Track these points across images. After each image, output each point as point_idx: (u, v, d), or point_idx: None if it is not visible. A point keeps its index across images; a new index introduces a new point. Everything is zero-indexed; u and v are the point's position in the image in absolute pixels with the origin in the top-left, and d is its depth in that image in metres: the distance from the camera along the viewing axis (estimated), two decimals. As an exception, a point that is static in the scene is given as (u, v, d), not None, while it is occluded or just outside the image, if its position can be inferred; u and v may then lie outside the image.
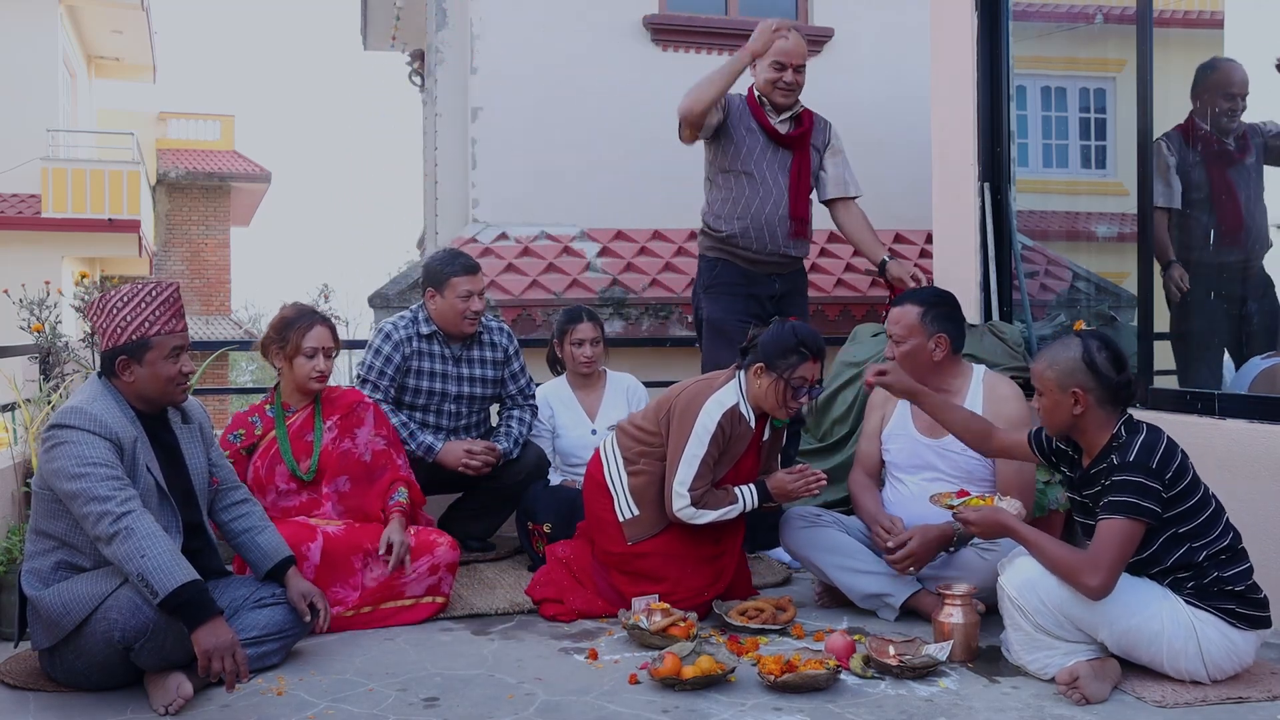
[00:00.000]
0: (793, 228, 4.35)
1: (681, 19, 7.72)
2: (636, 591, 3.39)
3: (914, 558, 3.38)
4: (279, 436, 3.62)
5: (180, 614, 2.61)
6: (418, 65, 10.45)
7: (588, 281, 6.96)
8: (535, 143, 7.40)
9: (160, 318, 2.88)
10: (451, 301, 4.12)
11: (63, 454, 2.69)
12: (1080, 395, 2.79)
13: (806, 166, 4.43)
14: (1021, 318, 4.82)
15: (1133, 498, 2.68)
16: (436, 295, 4.15)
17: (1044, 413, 2.89)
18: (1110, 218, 5.33)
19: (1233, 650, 2.74)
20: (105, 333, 2.88)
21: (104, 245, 15.28)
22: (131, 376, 2.87)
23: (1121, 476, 2.70)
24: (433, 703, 2.72)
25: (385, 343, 4.16)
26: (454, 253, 4.29)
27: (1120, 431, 2.79)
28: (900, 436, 3.66)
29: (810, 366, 3.41)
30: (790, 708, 2.68)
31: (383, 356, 4.15)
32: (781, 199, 4.34)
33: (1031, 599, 2.77)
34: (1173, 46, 4.43)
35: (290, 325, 3.62)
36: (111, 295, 2.90)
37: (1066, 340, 2.87)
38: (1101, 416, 2.81)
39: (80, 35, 16.95)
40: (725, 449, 3.42)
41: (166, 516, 2.84)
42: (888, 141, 7.77)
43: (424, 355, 4.18)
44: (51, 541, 2.78)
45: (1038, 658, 2.82)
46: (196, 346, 7.50)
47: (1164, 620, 2.72)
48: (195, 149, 21.37)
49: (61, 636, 2.71)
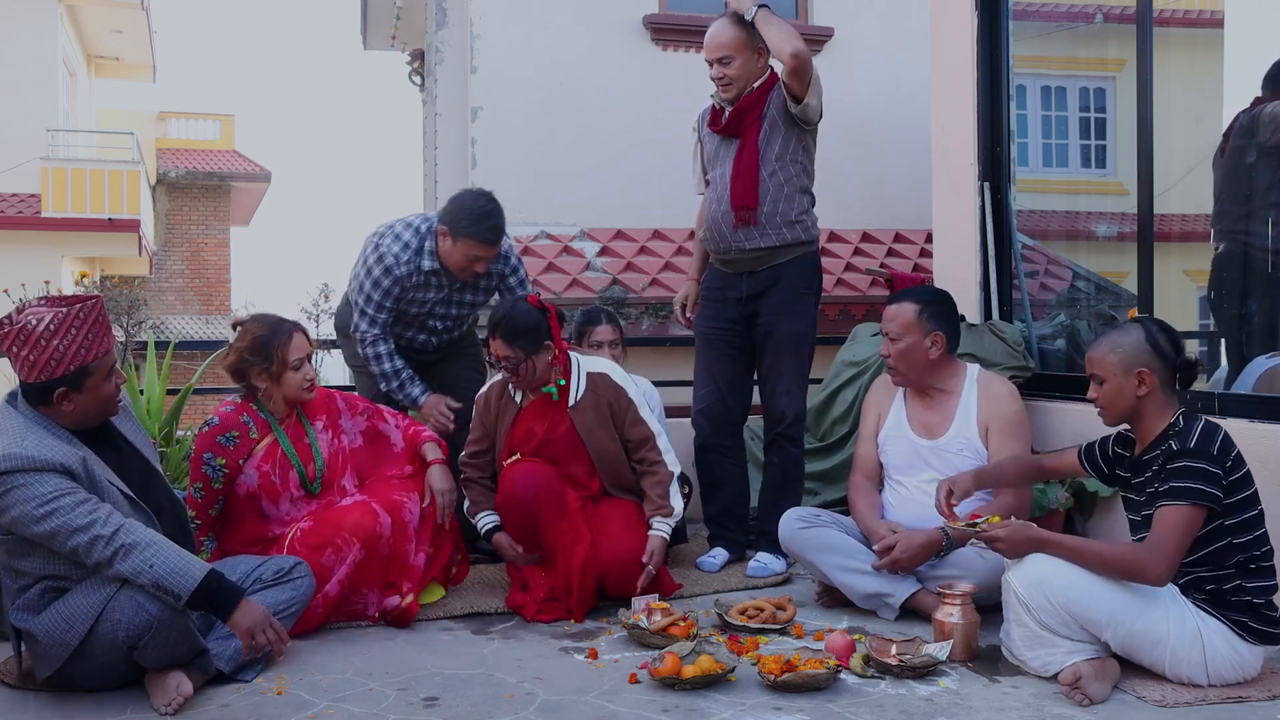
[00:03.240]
0: (736, 218, 4.02)
1: (681, 19, 7.72)
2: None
3: (896, 564, 3.38)
4: (282, 443, 3.48)
5: (207, 607, 2.63)
6: (418, 65, 10.46)
7: (587, 281, 6.96)
8: (535, 143, 7.41)
9: (94, 340, 2.70)
10: (461, 255, 3.94)
11: (16, 500, 2.55)
12: (1146, 375, 2.80)
13: (750, 147, 4.01)
14: (1021, 317, 4.82)
15: (1197, 483, 2.67)
16: (449, 238, 3.94)
17: (1106, 399, 2.87)
18: (1110, 217, 5.34)
19: (1238, 662, 2.73)
20: (35, 365, 2.65)
21: (104, 245, 15.29)
22: (71, 405, 2.70)
23: (1183, 463, 2.70)
24: (433, 702, 2.72)
25: (386, 276, 3.97)
26: (487, 211, 3.94)
27: (1178, 420, 2.80)
28: (896, 439, 3.66)
29: (495, 344, 3.61)
30: (790, 707, 2.68)
31: (382, 290, 3.98)
32: (725, 193, 4.05)
33: (1038, 597, 2.75)
34: (1173, 46, 4.43)
35: (269, 342, 3.41)
36: (33, 323, 2.64)
37: (1125, 325, 2.89)
38: (1162, 401, 2.82)
39: (80, 35, 16.96)
40: (490, 421, 3.73)
41: (141, 522, 2.77)
42: (888, 141, 7.79)
43: (420, 288, 4.05)
44: (29, 577, 2.70)
45: (1039, 655, 2.81)
46: (196, 346, 7.50)
47: (1170, 626, 2.71)
48: (195, 149, 21.39)
49: (68, 654, 2.64)
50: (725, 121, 4.07)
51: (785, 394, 4.08)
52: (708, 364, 4.22)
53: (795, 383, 4.09)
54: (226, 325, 19.88)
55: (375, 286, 3.98)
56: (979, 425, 3.54)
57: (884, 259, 7.70)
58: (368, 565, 3.34)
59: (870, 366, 4.71)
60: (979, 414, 3.56)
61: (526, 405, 3.70)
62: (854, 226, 7.88)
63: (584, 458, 3.69)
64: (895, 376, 3.65)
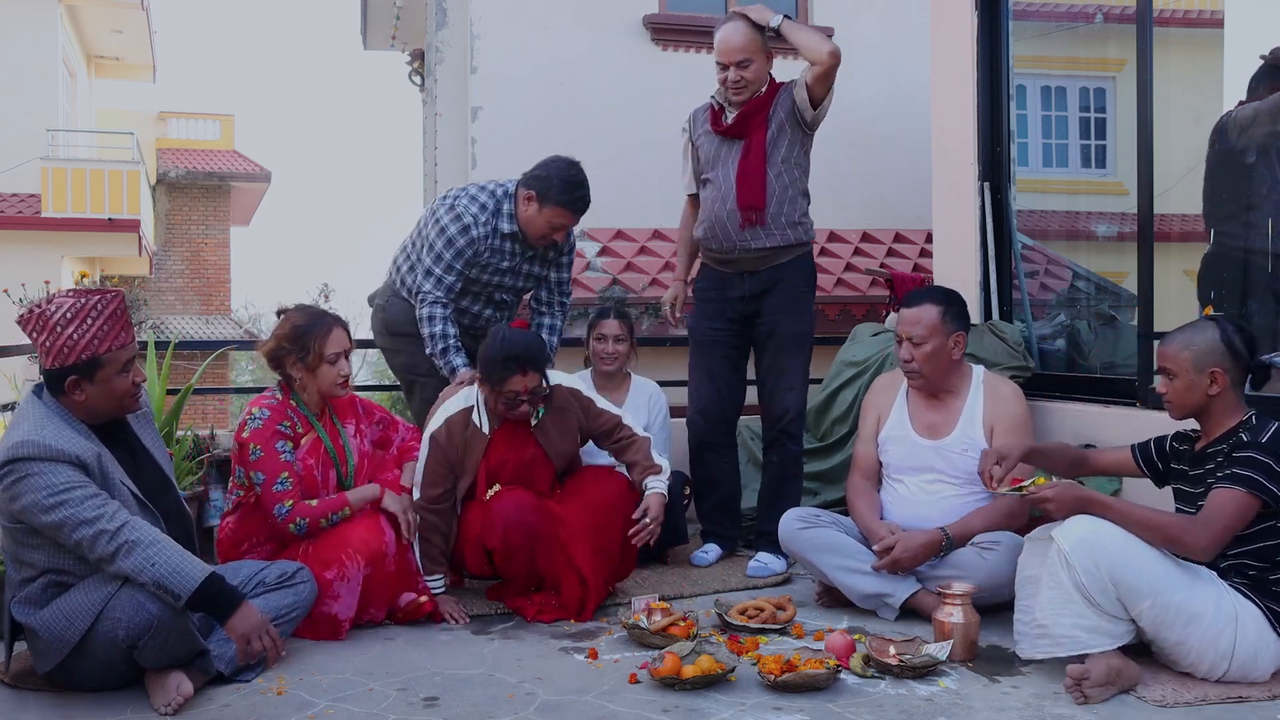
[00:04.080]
0: (743, 218, 4.05)
1: (681, 19, 7.72)
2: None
3: (896, 564, 3.38)
4: (324, 439, 3.45)
5: (207, 609, 2.63)
6: (418, 65, 10.46)
7: (588, 281, 6.97)
8: (535, 143, 7.34)
9: (110, 332, 2.72)
10: (545, 222, 3.88)
11: (29, 488, 2.57)
12: (1219, 375, 2.82)
13: (758, 148, 4.04)
14: (1021, 317, 4.82)
15: (1259, 475, 2.69)
16: (533, 203, 3.88)
17: (1175, 395, 2.89)
18: (1110, 217, 5.34)
19: (1263, 653, 2.73)
20: (50, 351, 2.69)
21: (104, 245, 15.30)
22: (83, 395, 2.72)
23: (1248, 454, 2.72)
24: (433, 702, 2.72)
25: (462, 235, 3.86)
26: (579, 180, 3.93)
27: (1251, 418, 2.83)
28: (899, 438, 3.65)
29: (520, 380, 3.41)
30: (790, 707, 2.68)
31: (455, 249, 3.86)
32: (730, 192, 4.07)
33: (1085, 558, 2.70)
34: (1173, 46, 4.43)
35: (308, 333, 3.39)
36: (52, 310, 2.69)
37: (1200, 324, 2.91)
38: (1233, 399, 2.85)
39: (80, 35, 16.96)
40: (456, 456, 3.51)
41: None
42: (888, 141, 7.79)
43: (495, 252, 3.94)
44: (34, 569, 2.71)
45: (1065, 623, 2.73)
46: (196, 346, 7.51)
47: (1210, 603, 2.71)
48: (195, 149, 21.40)
49: (68, 651, 2.65)
50: (731, 123, 4.09)
51: (788, 390, 4.09)
52: (706, 365, 4.22)
53: (798, 380, 4.11)
54: (227, 325, 19.92)
55: (449, 245, 3.88)
56: (984, 426, 3.54)
57: (884, 259, 7.71)
58: (374, 581, 3.31)
59: (870, 366, 4.71)
60: (985, 415, 3.55)
61: (494, 434, 3.57)
62: (854, 226, 7.89)
63: (550, 473, 3.65)
64: (916, 380, 3.60)
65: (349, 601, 3.24)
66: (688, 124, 4.32)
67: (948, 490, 3.53)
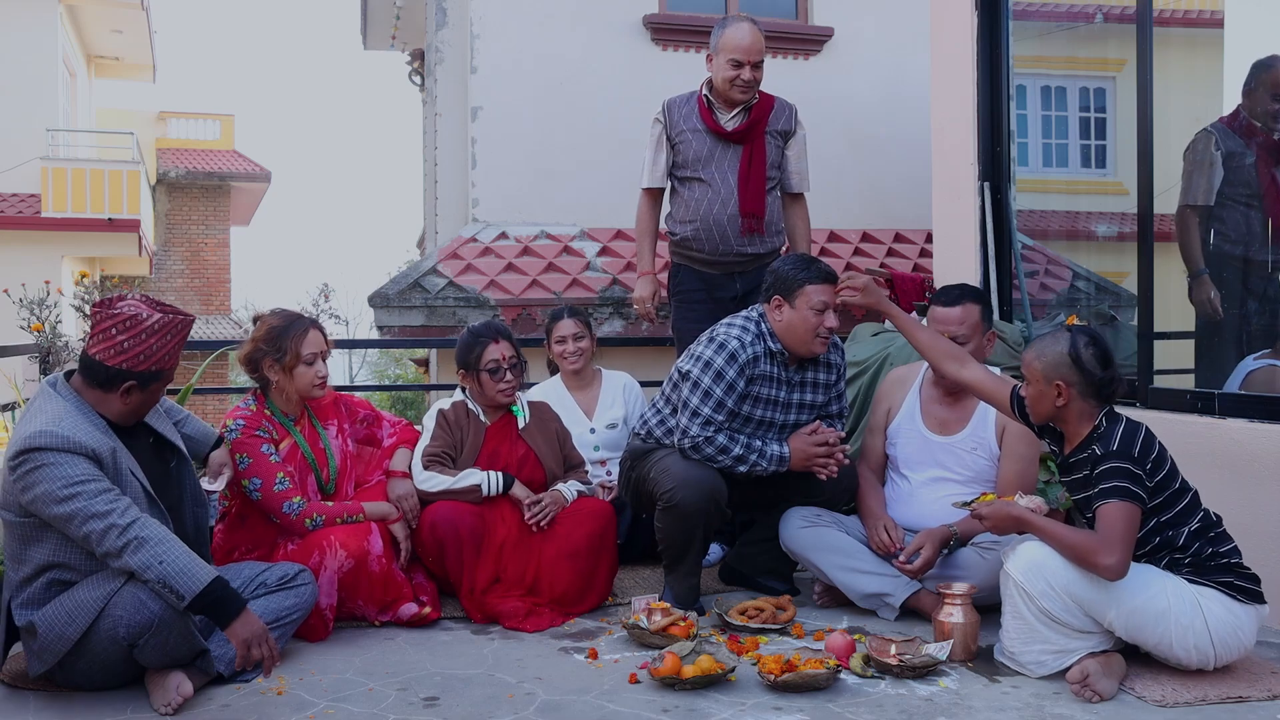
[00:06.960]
0: (744, 225, 4.11)
1: (681, 19, 7.71)
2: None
3: (928, 564, 3.40)
4: (300, 445, 3.47)
5: (209, 612, 2.63)
6: (418, 65, 10.45)
7: (588, 281, 6.96)
8: (535, 142, 7.40)
9: (177, 352, 2.83)
10: (804, 315, 3.45)
11: (43, 478, 2.59)
12: (1063, 388, 2.85)
13: (759, 158, 4.14)
14: (1021, 317, 4.82)
15: (1123, 483, 2.73)
16: (784, 305, 3.48)
17: (1031, 402, 2.96)
18: (1110, 217, 5.33)
19: (1237, 626, 2.76)
20: (124, 351, 2.73)
21: (104, 245, 15.28)
22: (130, 400, 2.79)
23: (1107, 465, 2.76)
24: (433, 702, 2.72)
25: (729, 365, 3.44)
26: (808, 258, 3.57)
27: (1101, 423, 2.85)
28: (908, 432, 3.66)
29: (495, 348, 3.63)
30: (790, 707, 2.68)
31: (725, 383, 3.43)
32: (731, 197, 4.12)
33: (1039, 582, 2.78)
34: (1173, 46, 4.43)
35: (284, 334, 3.41)
36: (144, 316, 2.75)
37: (1057, 334, 2.92)
38: (1084, 409, 2.87)
39: (80, 35, 16.95)
40: (460, 435, 3.66)
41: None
42: (887, 141, 7.78)
43: (764, 380, 3.52)
44: (35, 566, 2.71)
45: (1033, 650, 2.83)
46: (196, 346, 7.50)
47: (1169, 596, 2.75)
48: (195, 148, 21.38)
49: (68, 648, 2.64)
50: (737, 126, 4.18)
51: None
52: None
53: None
54: (227, 325, 19.90)
55: (717, 379, 3.44)
56: (996, 426, 3.54)
57: (884, 259, 7.69)
58: (359, 577, 3.29)
59: (870, 366, 4.70)
60: (998, 416, 3.54)
61: (490, 426, 3.72)
62: (854, 226, 7.87)
63: (541, 476, 3.73)
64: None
65: (328, 590, 3.24)
66: (662, 115, 4.32)
67: (952, 488, 3.53)
